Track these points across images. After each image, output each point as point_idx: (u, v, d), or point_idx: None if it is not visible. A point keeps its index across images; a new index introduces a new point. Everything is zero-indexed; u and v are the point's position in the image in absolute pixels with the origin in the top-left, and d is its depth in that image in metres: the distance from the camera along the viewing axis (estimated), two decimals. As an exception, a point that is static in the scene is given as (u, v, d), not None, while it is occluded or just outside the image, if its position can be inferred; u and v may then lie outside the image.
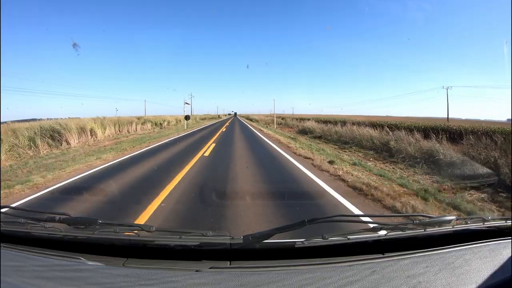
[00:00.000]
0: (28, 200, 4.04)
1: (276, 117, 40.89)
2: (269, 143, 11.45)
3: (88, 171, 6.09)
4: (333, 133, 15.41)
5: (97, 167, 6.52)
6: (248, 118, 66.43)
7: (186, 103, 28.00)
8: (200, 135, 16.18)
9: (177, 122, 31.00)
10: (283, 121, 35.16)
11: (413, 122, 15.29)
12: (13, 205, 3.08)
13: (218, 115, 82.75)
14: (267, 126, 27.10)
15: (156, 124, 25.99)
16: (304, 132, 20.26)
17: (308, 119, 27.26)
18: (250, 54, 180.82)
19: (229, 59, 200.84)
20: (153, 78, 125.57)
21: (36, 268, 0.84)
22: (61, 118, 15.24)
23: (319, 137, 16.29)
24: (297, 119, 34.66)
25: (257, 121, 45.51)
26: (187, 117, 26.19)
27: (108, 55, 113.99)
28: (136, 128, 21.00)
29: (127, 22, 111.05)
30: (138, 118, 24.70)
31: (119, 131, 18.38)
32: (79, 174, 5.73)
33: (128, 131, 19.47)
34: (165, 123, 28.59)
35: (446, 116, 26.63)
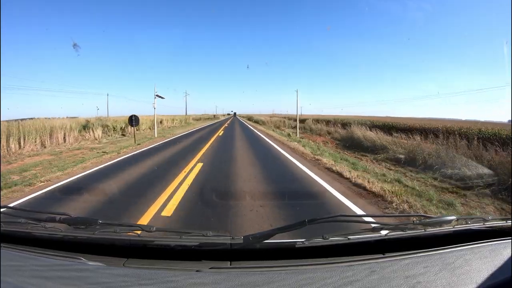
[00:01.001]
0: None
1: (288, 119, 31.45)
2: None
3: None
4: (445, 158, 7.01)
5: None
6: (251, 119, 52.90)
7: (157, 95, 15.89)
8: (152, 162, 7.17)
9: (153, 124, 21.93)
10: (299, 124, 26.26)
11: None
12: (13, 205, 2.64)
13: (214, 115, 73.29)
14: (289, 135, 16.10)
15: (115, 129, 17.06)
16: (357, 146, 11.65)
17: (348, 123, 19.16)
18: (250, 54, 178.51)
19: (229, 59, 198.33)
20: (153, 78, 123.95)
21: (37, 268, 0.83)
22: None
23: (412, 164, 7.85)
24: (318, 121, 25.97)
25: (264, 123, 34.14)
26: (132, 120, 12.04)
27: (108, 55, 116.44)
28: (67, 139, 12.56)
29: (127, 22, 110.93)
30: (88, 121, 16.22)
31: (20, 145, 9.97)
32: None
33: (43, 144, 11.04)
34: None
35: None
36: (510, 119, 13.66)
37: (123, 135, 17.01)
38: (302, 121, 26.72)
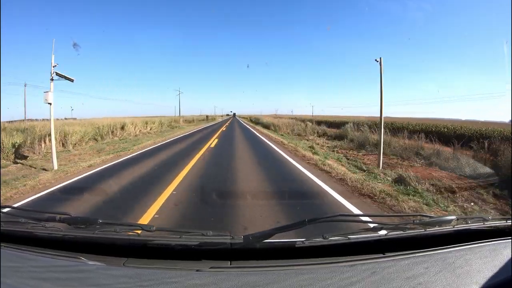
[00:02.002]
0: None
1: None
2: None
3: None
4: None
5: None
6: (254, 121, 42.08)
7: (57, 74, 6.43)
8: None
9: (98, 133, 13.91)
10: (331, 131, 17.38)
11: None
12: (14, 205, 2.83)
13: (207, 116, 60.33)
14: (386, 176, 5.56)
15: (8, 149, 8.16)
16: None
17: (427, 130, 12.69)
18: (250, 54, 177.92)
19: (229, 59, 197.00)
20: (153, 78, 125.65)
21: (36, 269, 0.83)
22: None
23: None
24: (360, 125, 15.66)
25: (279, 127, 21.95)
26: None
27: (108, 55, 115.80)
28: None
29: (127, 22, 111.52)
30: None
31: None
32: None
33: None
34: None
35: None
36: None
37: (21, 158, 8.30)
38: (336, 124, 19.86)
